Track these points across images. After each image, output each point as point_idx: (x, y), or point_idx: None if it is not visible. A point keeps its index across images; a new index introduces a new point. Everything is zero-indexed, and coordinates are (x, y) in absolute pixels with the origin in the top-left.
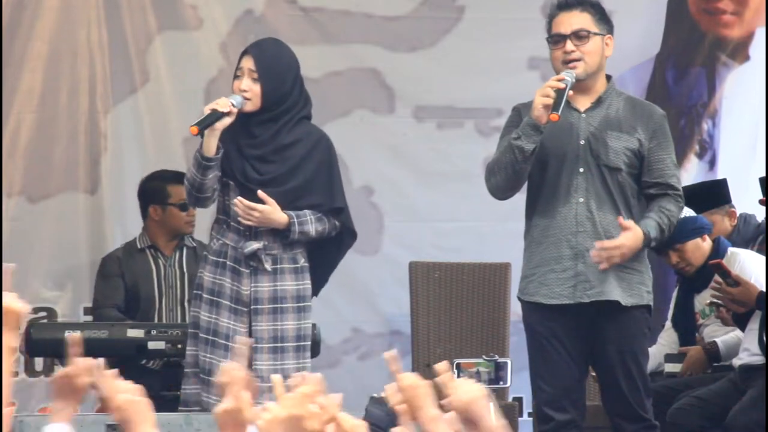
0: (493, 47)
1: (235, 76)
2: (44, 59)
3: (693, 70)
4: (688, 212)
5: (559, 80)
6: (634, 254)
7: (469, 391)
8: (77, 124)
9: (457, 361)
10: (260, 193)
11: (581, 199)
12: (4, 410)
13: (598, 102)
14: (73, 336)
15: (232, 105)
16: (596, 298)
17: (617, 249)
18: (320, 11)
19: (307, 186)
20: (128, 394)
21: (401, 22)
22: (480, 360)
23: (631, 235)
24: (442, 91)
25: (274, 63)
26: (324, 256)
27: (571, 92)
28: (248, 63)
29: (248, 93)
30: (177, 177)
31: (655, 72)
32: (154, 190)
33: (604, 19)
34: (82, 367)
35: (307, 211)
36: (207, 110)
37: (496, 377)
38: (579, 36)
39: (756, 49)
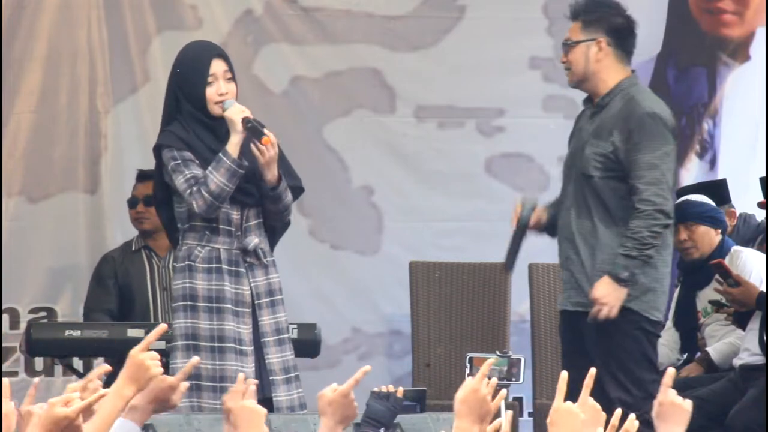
0: (494, 47)
1: (207, 83)
2: (44, 59)
3: (694, 69)
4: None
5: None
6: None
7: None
8: (77, 124)
9: (469, 355)
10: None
11: (571, 208)
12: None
13: (599, 108)
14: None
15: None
16: (572, 308)
17: (598, 303)
18: (321, 11)
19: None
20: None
21: (402, 21)
22: (493, 356)
23: (598, 286)
24: (443, 91)
25: (231, 60)
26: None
27: None
28: (220, 66)
29: (228, 95)
30: (141, 175)
31: (655, 71)
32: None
33: (594, 22)
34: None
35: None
36: (237, 119)
37: (508, 374)
38: (564, 46)
39: (756, 49)
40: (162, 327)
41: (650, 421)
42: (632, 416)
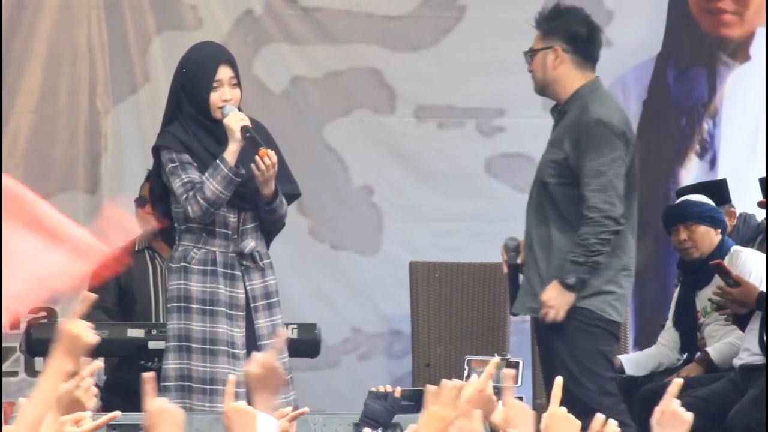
0: (494, 47)
1: (212, 89)
2: (44, 59)
3: (694, 69)
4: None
5: None
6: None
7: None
8: (77, 124)
9: (467, 357)
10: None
11: (532, 215)
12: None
13: (561, 114)
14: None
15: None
16: (524, 312)
17: (545, 307)
18: (321, 11)
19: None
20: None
21: (402, 21)
22: (491, 358)
23: (547, 290)
24: (443, 91)
25: (238, 65)
26: None
27: None
28: (227, 72)
29: (233, 101)
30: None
31: (656, 72)
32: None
33: (552, 30)
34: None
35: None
36: (236, 127)
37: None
38: (526, 55)
39: (756, 49)
40: (90, 296)
41: (623, 421)
42: (613, 422)
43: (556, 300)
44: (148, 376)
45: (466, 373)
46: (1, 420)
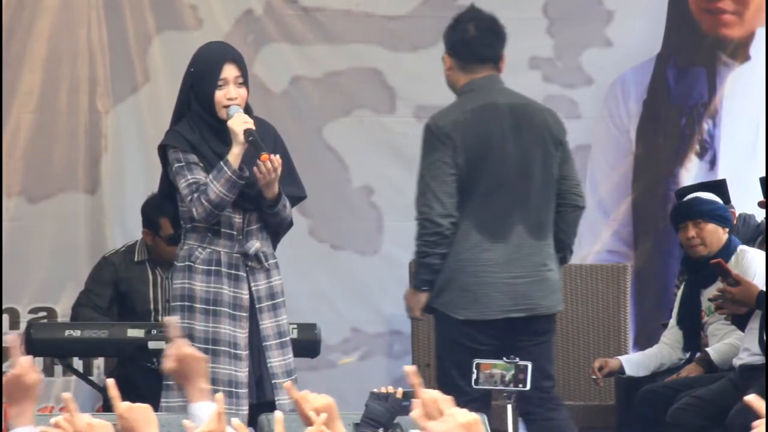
0: None
1: (217, 87)
2: (44, 59)
3: (694, 69)
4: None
5: None
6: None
7: (465, 415)
8: (77, 124)
9: (476, 361)
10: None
11: None
12: None
13: None
14: (13, 338)
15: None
16: None
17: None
18: (321, 11)
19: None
20: (128, 402)
21: (402, 21)
22: (499, 361)
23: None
24: (443, 91)
25: (246, 64)
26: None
27: None
28: (233, 71)
29: (238, 100)
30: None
31: (655, 72)
32: (147, 216)
33: (445, 39)
34: (27, 365)
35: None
36: (239, 130)
37: (515, 380)
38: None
39: (756, 49)
40: None
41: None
42: None
43: (409, 300)
44: (110, 382)
45: (474, 376)
46: (1, 420)
